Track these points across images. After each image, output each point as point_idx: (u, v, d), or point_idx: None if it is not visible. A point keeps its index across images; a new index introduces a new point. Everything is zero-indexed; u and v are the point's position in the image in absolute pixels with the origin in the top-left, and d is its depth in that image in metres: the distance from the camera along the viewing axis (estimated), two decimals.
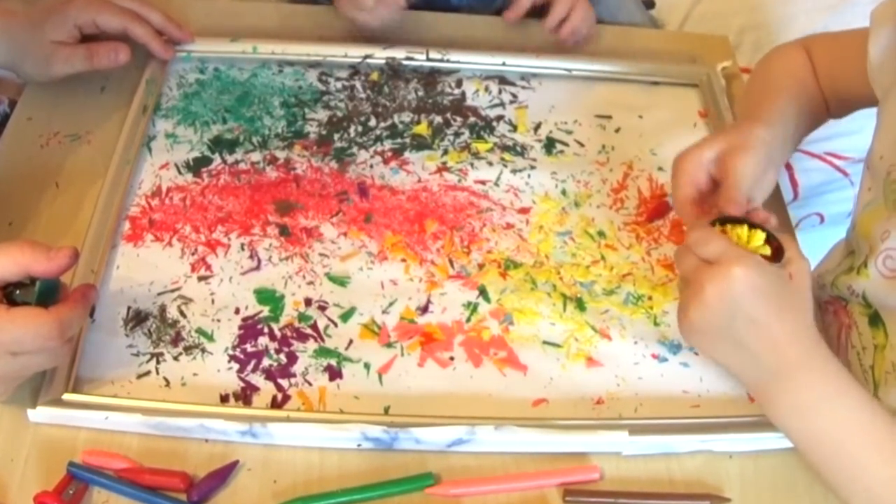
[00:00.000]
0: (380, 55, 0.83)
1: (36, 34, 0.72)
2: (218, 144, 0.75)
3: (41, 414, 0.58)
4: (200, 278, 0.66)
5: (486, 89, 0.83)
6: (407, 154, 0.77)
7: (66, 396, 0.59)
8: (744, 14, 1.05)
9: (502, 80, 0.84)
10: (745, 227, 0.56)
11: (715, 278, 0.51)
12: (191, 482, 0.56)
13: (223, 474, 0.56)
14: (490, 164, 0.77)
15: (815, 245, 0.80)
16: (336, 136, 0.77)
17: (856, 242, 0.67)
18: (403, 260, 0.69)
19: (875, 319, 0.64)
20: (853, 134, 0.97)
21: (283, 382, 0.61)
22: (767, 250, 0.55)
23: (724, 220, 0.57)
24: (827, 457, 0.53)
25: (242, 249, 0.68)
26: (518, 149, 0.78)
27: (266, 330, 0.64)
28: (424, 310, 0.66)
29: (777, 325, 0.52)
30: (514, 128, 0.80)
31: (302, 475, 0.57)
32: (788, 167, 1.01)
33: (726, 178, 0.60)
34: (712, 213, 0.59)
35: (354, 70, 0.83)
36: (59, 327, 0.52)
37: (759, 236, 0.55)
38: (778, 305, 0.52)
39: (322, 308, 0.65)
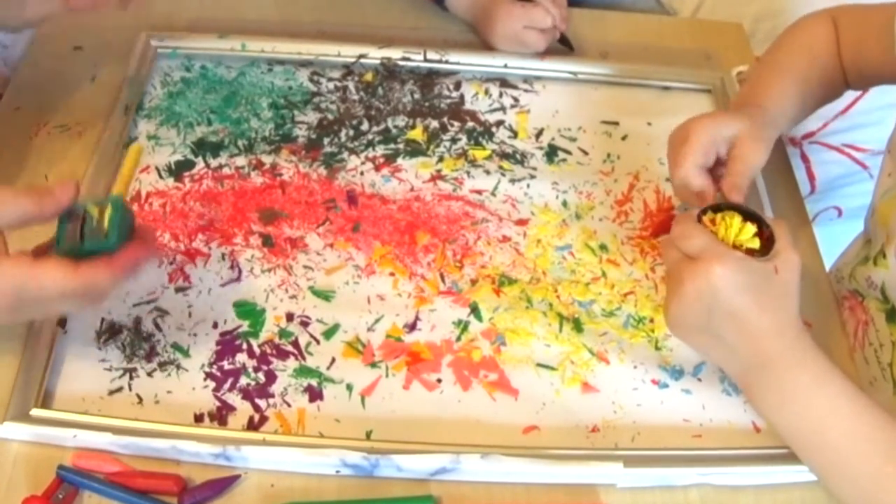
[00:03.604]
0: (375, 55, 0.79)
1: None
2: (202, 147, 0.72)
3: (8, 430, 0.55)
4: (178, 289, 0.64)
5: (487, 92, 0.80)
6: (400, 160, 0.73)
7: (35, 412, 0.56)
8: (760, 1, 1.02)
9: (503, 82, 0.81)
10: (738, 218, 0.56)
11: (694, 275, 0.52)
12: (184, 486, 0.54)
13: (220, 486, 0.54)
14: (487, 172, 0.73)
15: (832, 239, 0.79)
16: (326, 141, 0.74)
17: (873, 231, 0.66)
18: (392, 274, 0.66)
19: (892, 315, 0.63)
20: (872, 126, 0.95)
21: (261, 403, 0.58)
22: (756, 242, 0.55)
23: (718, 208, 0.57)
24: (812, 448, 0.53)
25: (223, 259, 0.66)
26: (518, 157, 0.75)
27: (245, 346, 0.61)
28: (412, 327, 0.63)
29: (756, 320, 0.53)
30: (515, 134, 0.77)
31: (300, 480, 0.55)
32: (805, 160, 0.99)
33: (736, 163, 0.60)
34: (705, 201, 0.59)
35: (348, 70, 0.80)
36: (83, 291, 0.51)
37: (749, 229, 0.56)
38: (758, 301, 0.52)
39: (304, 324, 0.62)
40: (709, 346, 0.56)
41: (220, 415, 0.58)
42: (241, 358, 0.60)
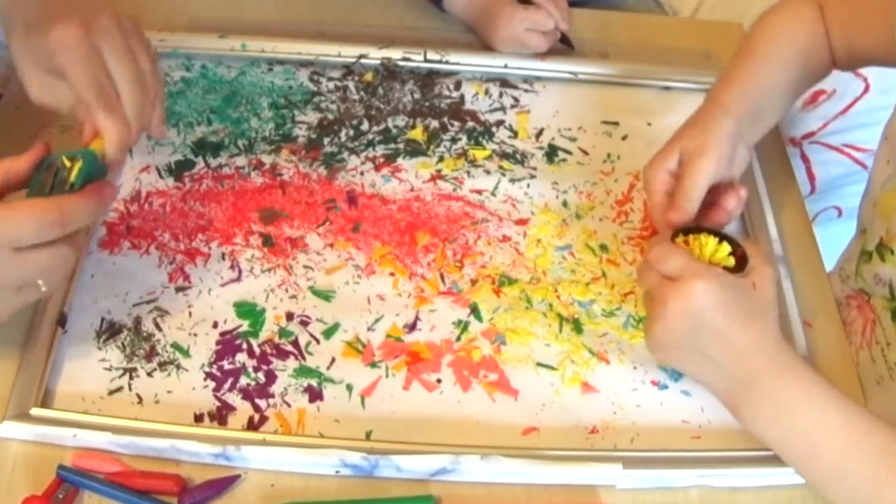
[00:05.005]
0: (375, 55, 0.79)
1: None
2: (202, 147, 0.72)
3: (8, 429, 0.55)
4: (178, 289, 0.64)
5: (487, 92, 0.79)
6: (400, 160, 0.73)
7: (35, 412, 0.56)
8: (760, 1, 1.02)
9: (504, 82, 0.80)
10: (711, 238, 0.57)
11: (676, 294, 0.53)
12: (184, 486, 0.54)
13: (220, 486, 0.54)
14: (488, 172, 0.73)
15: (832, 239, 0.78)
16: (326, 141, 0.74)
17: (870, 221, 0.65)
18: (392, 274, 0.66)
19: None
20: (872, 126, 0.95)
21: (261, 403, 0.58)
22: (731, 261, 0.56)
23: (690, 231, 0.58)
24: (805, 460, 0.53)
25: (223, 259, 0.66)
26: (518, 156, 0.75)
27: (245, 346, 0.61)
28: (412, 327, 0.63)
29: (741, 335, 0.53)
30: (515, 134, 0.77)
31: (300, 480, 0.55)
32: (805, 160, 0.98)
33: (680, 184, 0.60)
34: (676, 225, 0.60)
35: (348, 70, 0.80)
36: (59, 215, 0.50)
37: (724, 248, 0.56)
38: (741, 316, 0.53)
39: (304, 323, 0.62)
40: (694, 365, 0.56)
41: (220, 415, 0.58)
42: (241, 358, 0.60)
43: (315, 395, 0.59)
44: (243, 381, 0.59)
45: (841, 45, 0.68)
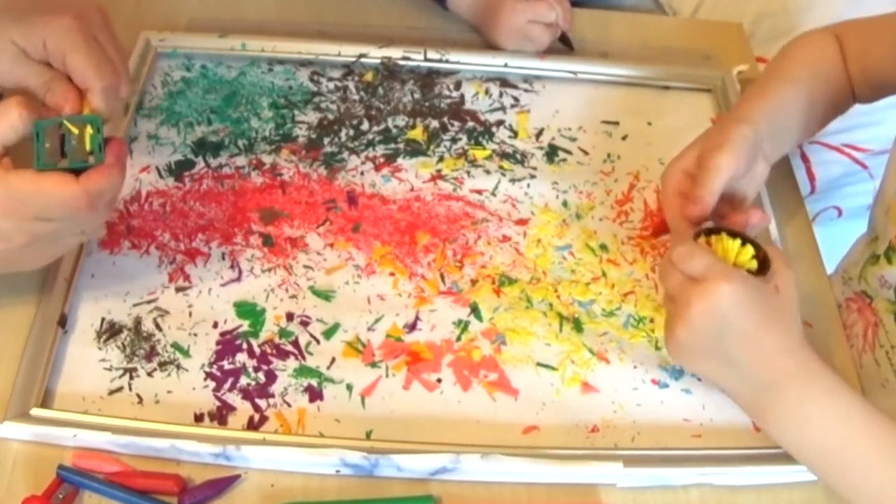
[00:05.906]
0: (375, 54, 0.79)
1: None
2: (202, 147, 0.72)
3: (8, 429, 0.55)
4: (178, 289, 0.64)
5: (487, 92, 0.80)
6: (400, 160, 0.73)
7: (35, 412, 0.57)
8: (760, 0, 1.02)
9: (504, 82, 0.81)
10: (735, 240, 0.56)
11: (701, 296, 0.51)
12: (184, 485, 0.54)
13: (220, 486, 0.54)
14: (488, 172, 0.73)
15: (832, 239, 0.79)
16: (326, 141, 0.74)
17: (882, 227, 0.65)
18: (392, 274, 0.66)
19: None
20: (872, 125, 0.95)
21: (261, 403, 0.58)
22: (754, 264, 0.55)
23: (711, 231, 0.56)
24: (829, 465, 0.53)
25: (223, 259, 0.66)
26: (518, 156, 0.75)
27: (245, 346, 0.61)
28: (412, 327, 0.63)
29: (767, 338, 0.52)
30: (515, 134, 0.77)
31: (300, 480, 0.55)
32: (805, 160, 0.99)
33: (697, 176, 0.59)
34: (698, 225, 0.58)
35: (348, 70, 0.80)
36: (86, 198, 0.51)
37: (748, 250, 0.55)
38: (766, 319, 0.52)
39: (304, 323, 0.62)
40: (717, 370, 0.54)
41: (220, 415, 0.58)
42: (241, 358, 0.60)
43: (315, 394, 0.59)
44: (243, 380, 0.59)
45: (860, 78, 0.68)
